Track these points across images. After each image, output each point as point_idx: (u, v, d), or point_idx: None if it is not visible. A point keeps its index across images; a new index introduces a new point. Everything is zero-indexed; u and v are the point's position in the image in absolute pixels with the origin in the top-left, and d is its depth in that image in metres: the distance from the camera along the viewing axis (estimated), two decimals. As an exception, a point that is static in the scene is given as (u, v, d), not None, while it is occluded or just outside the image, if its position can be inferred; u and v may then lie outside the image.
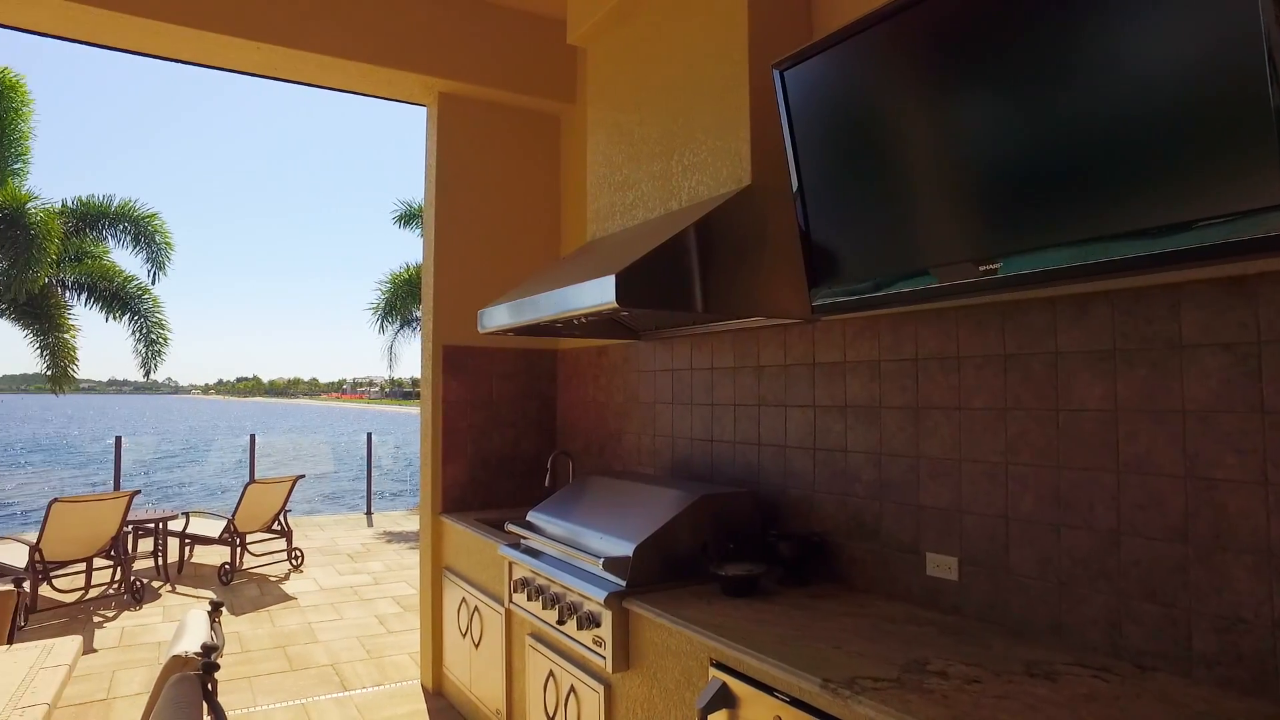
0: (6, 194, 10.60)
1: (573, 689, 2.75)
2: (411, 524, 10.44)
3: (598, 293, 2.43)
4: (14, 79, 10.94)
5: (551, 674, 2.91)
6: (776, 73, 2.34)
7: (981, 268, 1.83)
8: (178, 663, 2.12)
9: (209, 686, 1.94)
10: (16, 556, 5.97)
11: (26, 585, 5.55)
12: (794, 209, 2.38)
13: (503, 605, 3.39)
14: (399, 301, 12.81)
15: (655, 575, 2.58)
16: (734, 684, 2.01)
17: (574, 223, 4.51)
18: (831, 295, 2.27)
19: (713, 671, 2.09)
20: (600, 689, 2.59)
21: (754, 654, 1.92)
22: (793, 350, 2.87)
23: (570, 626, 2.70)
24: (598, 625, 2.55)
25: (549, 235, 4.65)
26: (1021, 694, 1.65)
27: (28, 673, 2.31)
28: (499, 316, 3.26)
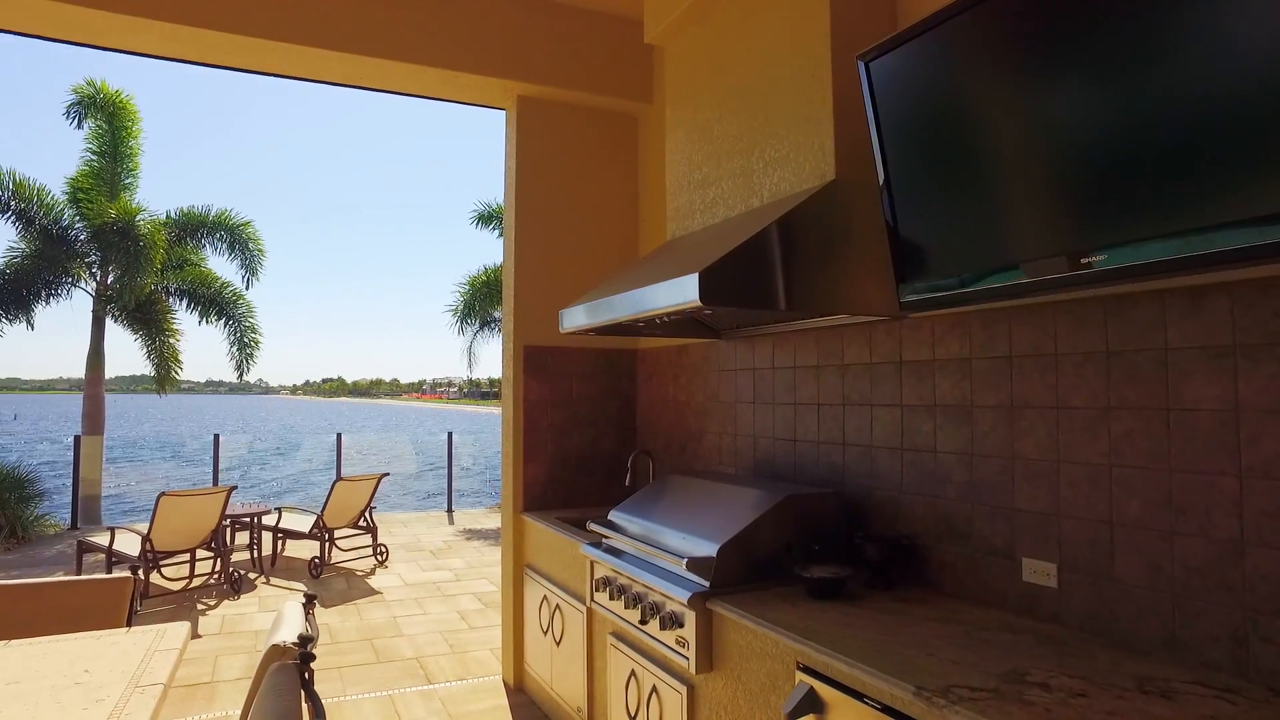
0: (119, 207, 11.23)
1: (655, 689, 2.75)
2: (490, 522, 10.63)
3: (680, 291, 2.41)
4: (125, 100, 11.61)
5: (633, 673, 2.90)
6: (861, 64, 2.29)
7: (1083, 260, 1.74)
8: (277, 652, 2.19)
9: (306, 676, 2.00)
10: (131, 546, 6.34)
11: (140, 573, 5.89)
12: (880, 203, 2.32)
13: (584, 604, 3.41)
14: (477, 303, 13.05)
15: (738, 576, 2.55)
16: (821, 689, 1.97)
17: (652, 222, 4.51)
18: (920, 291, 2.20)
19: (799, 675, 2.05)
20: (683, 690, 2.58)
21: (843, 659, 1.87)
22: (878, 348, 2.80)
23: (653, 626, 2.69)
24: (680, 626, 2.54)
25: (627, 235, 4.67)
26: (1134, 711, 1.56)
27: (145, 654, 2.43)
28: (580, 316, 3.28)
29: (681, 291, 2.41)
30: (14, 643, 2.55)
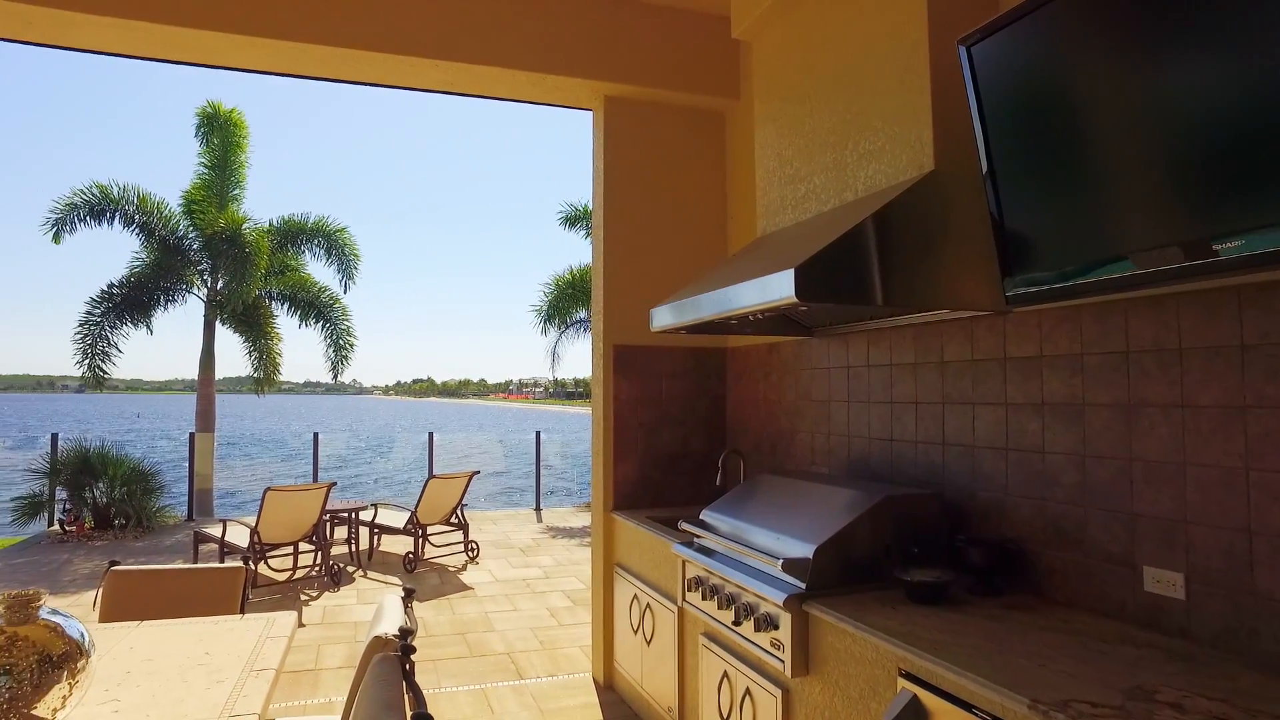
0: (227, 217, 11.86)
1: (748, 692, 2.71)
2: (578, 520, 10.74)
3: (775, 288, 2.37)
4: (237, 116, 12.25)
5: (726, 675, 2.87)
6: (963, 49, 2.20)
7: (1212, 246, 1.62)
8: (379, 643, 2.26)
9: (407, 667, 2.05)
10: (240, 537, 6.68)
11: (250, 563, 6.19)
12: (983, 194, 2.23)
13: (675, 604, 3.40)
14: (562, 304, 13.21)
15: (835, 578, 2.49)
16: (926, 697, 1.90)
17: (741, 219, 4.47)
18: (1027, 285, 2.10)
19: (901, 682, 1.98)
20: (778, 693, 2.53)
21: (950, 666, 1.80)
22: (981, 344, 2.69)
23: (746, 628, 2.66)
24: (775, 628, 2.49)
25: (716, 233, 4.63)
26: (1276, 731, 1.45)
27: (258, 640, 2.55)
28: (671, 315, 3.26)
29: (777, 288, 2.37)
30: (145, 624, 2.71)
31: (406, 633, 2.21)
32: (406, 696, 1.98)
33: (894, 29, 2.65)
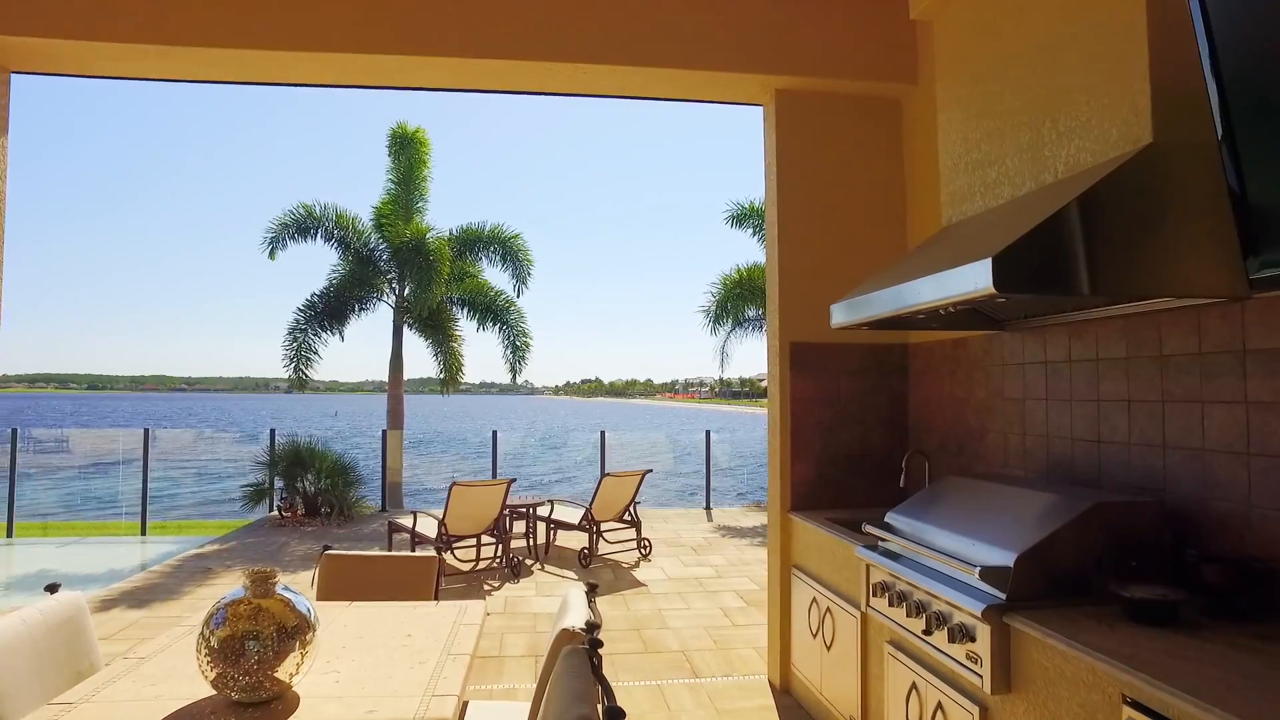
0: (413, 229, 12.71)
1: (940, 706, 2.56)
2: (748, 520, 10.66)
3: (969, 279, 2.23)
4: (421, 134, 13.11)
5: (915, 686, 2.73)
6: None
7: None
8: (566, 636, 2.32)
9: (595, 660, 2.09)
10: (428, 528, 7.12)
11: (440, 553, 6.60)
12: (1215, 164, 1.98)
13: (858, 609, 3.28)
14: (730, 303, 13.15)
15: (1037, 590, 2.30)
16: (1157, 728, 1.70)
17: (923, 209, 4.25)
18: (1277, 265, 1.85)
19: (1127, 711, 1.79)
20: (975, 710, 2.38)
21: (1195, 700, 1.59)
22: (1211, 335, 2.40)
23: (938, 638, 2.51)
24: (972, 639, 2.34)
25: (894, 225, 4.44)
26: None
27: (452, 626, 2.71)
28: (852, 311, 3.15)
29: (971, 279, 2.23)
30: (354, 605, 2.94)
31: (593, 626, 2.26)
32: (596, 689, 2.02)
33: (1101, -9, 2.43)
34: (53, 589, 2.59)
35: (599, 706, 1.79)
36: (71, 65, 4.18)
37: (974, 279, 2.20)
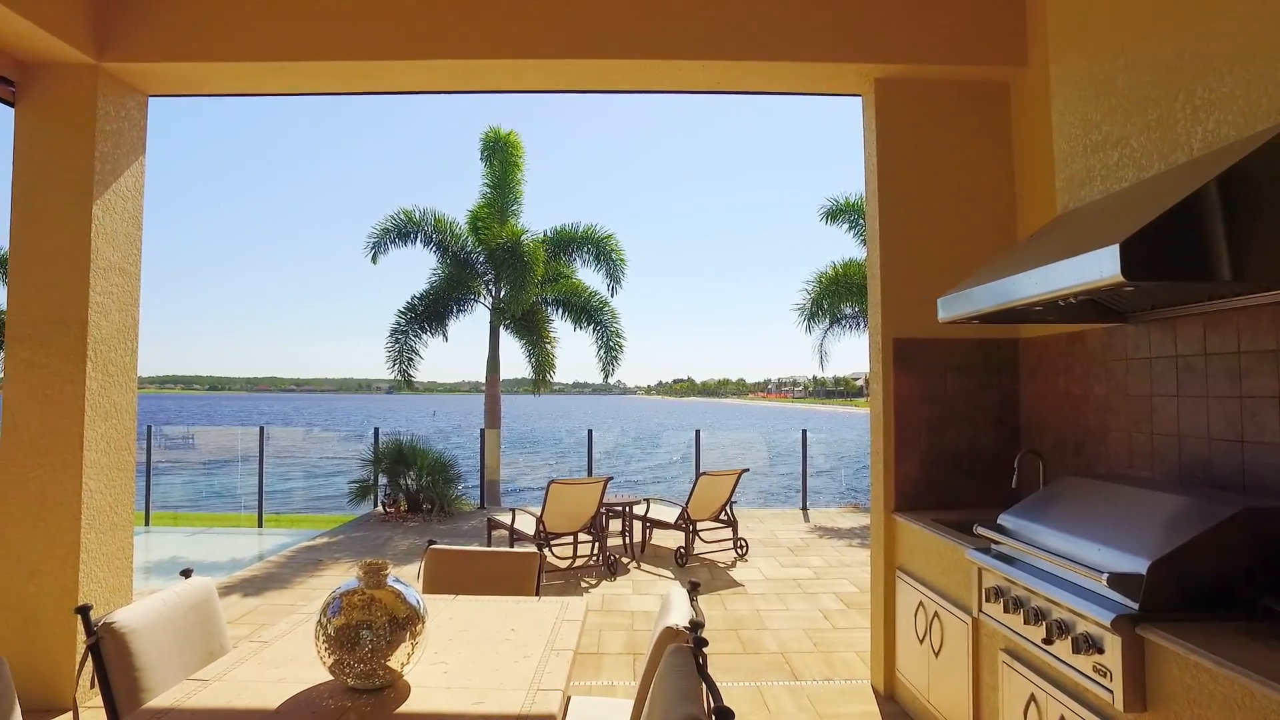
0: (508, 231, 12.97)
1: (1064, 720, 2.42)
2: (845, 521, 10.43)
3: (1093, 267, 2.09)
4: (514, 138, 13.37)
5: (1033, 699, 2.59)
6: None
7: None
8: (670, 634, 2.29)
9: (700, 659, 2.06)
10: (526, 525, 7.23)
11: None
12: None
13: (969, 614, 3.14)
14: (826, 300, 12.90)
15: (1174, 600, 2.14)
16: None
17: (1034, 197, 4.05)
18: None
19: (1284, 733, 1.64)
20: (1103, 726, 2.23)
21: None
22: (1373, 325, 2.19)
23: (1060, 648, 2.37)
24: (1099, 651, 2.20)
25: (1001, 215, 4.24)
26: None
27: (555, 622, 2.73)
28: (961, 304, 3.02)
29: (1095, 268, 2.09)
30: (460, 598, 3.00)
31: (697, 625, 2.23)
32: (702, 688, 1.99)
33: (1241, -47, 2.24)
34: (187, 574, 2.74)
35: (706, 706, 1.76)
36: (201, 86, 4.48)
37: (1098, 267, 2.06)
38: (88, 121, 4.10)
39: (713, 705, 1.68)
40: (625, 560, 7.89)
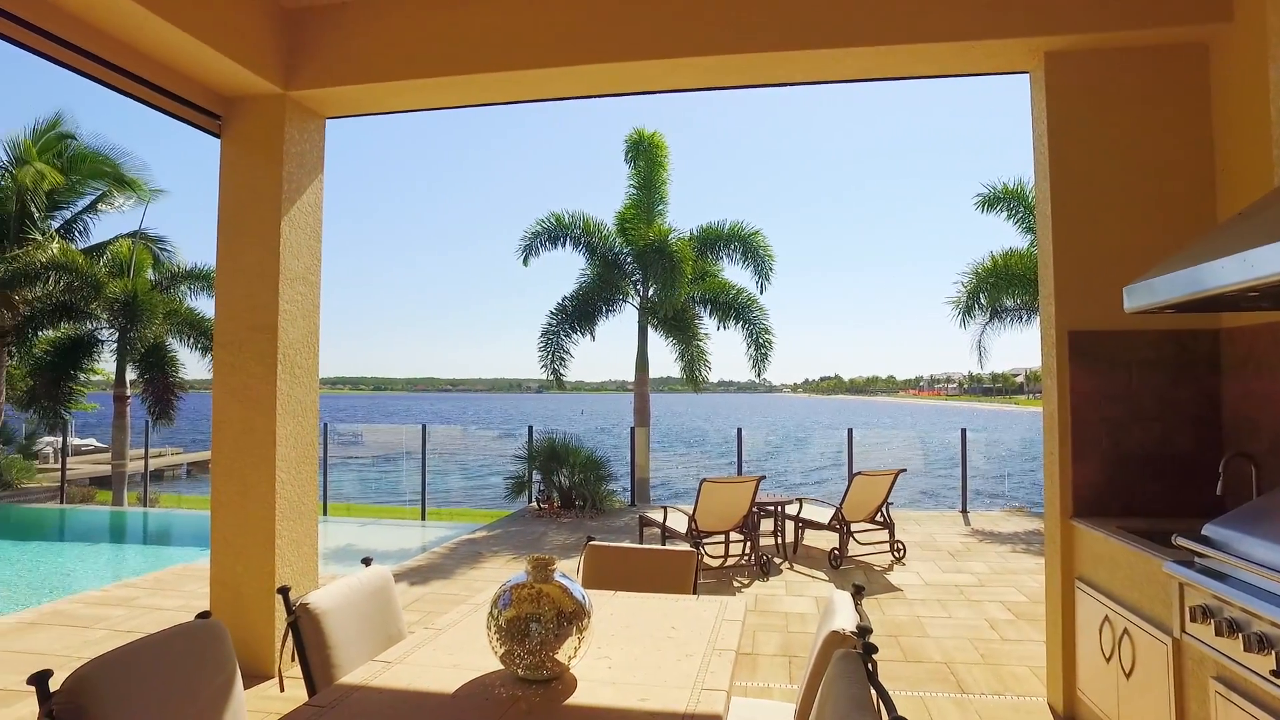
0: (655, 231, 13.09)
1: (1291, 759, 2.14)
2: (1008, 525, 9.83)
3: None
4: (658, 138, 13.49)
5: (1251, 731, 2.32)
6: None
7: None
8: (836, 638, 2.22)
9: (870, 666, 1.97)
10: (679, 523, 7.27)
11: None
12: None
13: (1169, 634, 2.85)
14: (983, 293, 12.21)
15: None
16: None
17: (1240, 170, 3.62)
18: None
19: None
20: (1344, 769, 1.96)
21: None
22: None
23: (1287, 677, 2.11)
24: (1337, 682, 1.93)
25: (1197, 191, 3.83)
26: None
27: (715, 621, 2.71)
28: (1156, 291, 2.75)
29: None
30: (619, 594, 3.03)
31: (865, 630, 2.14)
32: (873, 696, 1.91)
33: None
34: (367, 562, 2.92)
35: (881, 717, 1.68)
36: (371, 105, 4.84)
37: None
38: (277, 146, 4.53)
39: (888, 717, 1.60)
40: (777, 561, 7.77)
